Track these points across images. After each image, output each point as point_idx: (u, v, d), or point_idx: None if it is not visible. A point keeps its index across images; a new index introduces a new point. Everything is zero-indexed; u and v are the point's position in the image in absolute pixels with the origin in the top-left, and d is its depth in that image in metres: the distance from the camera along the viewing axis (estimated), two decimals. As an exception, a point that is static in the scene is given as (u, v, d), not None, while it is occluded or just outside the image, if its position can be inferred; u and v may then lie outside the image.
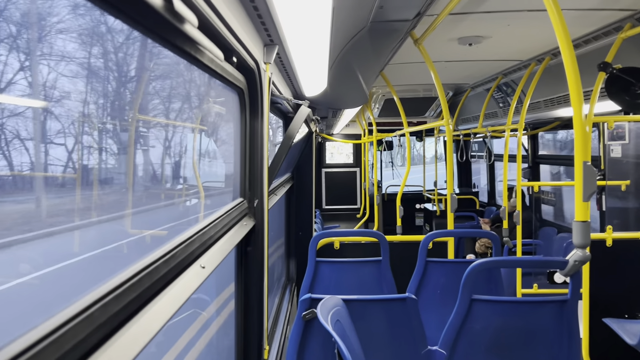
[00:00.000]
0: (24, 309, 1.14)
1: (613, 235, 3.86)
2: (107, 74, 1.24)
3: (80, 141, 1.25)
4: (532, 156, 7.30)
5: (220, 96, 2.09)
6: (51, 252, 1.50)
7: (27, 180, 1.09)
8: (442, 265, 3.58)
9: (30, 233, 1.23)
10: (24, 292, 1.37)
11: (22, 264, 1.33)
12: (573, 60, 2.10)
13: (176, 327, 2.23)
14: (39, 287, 1.46)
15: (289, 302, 4.74)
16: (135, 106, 1.68)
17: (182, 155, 2.28)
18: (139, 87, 1.61)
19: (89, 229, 1.57)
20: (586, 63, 3.86)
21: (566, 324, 2.36)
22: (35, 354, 0.61)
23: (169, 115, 2.05)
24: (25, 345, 0.61)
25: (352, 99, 4.56)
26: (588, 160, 2.13)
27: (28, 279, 1.33)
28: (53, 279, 1.54)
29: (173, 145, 2.14)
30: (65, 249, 1.55)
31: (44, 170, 1.17)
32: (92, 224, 1.59)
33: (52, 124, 1.09)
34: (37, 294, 1.44)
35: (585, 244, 2.15)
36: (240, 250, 2.10)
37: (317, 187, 9.52)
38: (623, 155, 4.83)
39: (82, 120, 1.24)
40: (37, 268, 1.39)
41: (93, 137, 1.30)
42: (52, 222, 1.34)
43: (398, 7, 2.79)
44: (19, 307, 1.19)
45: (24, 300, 1.32)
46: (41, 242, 1.25)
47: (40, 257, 1.36)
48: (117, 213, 1.80)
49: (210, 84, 1.89)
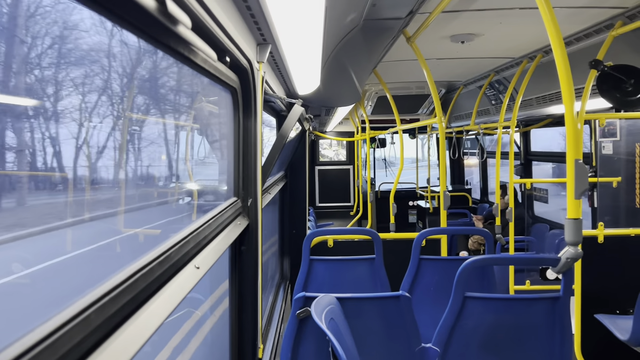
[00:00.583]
0: (20, 310, 1.14)
1: (605, 232, 3.88)
2: (99, 75, 1.24)
3: (74, 140, 1.25)
4: (524, 153, 7.33)
5: (213, 96, 2.09)
6: (43, 251, 1.50)
7: (19, 179, 1.09)
8: (435, 263, 3.59)
9: (23, 231, 1.23)
10: (18, 291, 1.37)
11: (14, 263, 1.33)
12: (564, 57, 2.11)
13: (171, 326, 2.23)
14: (32, 287, 1.46)
15: (283, 301, 4.75)
16: (128, 106, 1.68)
17: (175, 154, 2.28)
18: (131, 87, 1.61)
19: (81, 227, 1.57)
20: (578, 60, 3.88)
21: (558, 320, 2.38)
22: (32, 358, 0.61)
23: (161, 114, 2.05)
24: (22, 349, 0.61)
25: (345, 97, 4.56)
26: (580, 157, 2.14)
27: (21, 279, 1.33)
28: (46, 278, 1.54)
29: (166, 144, 2.14)
30: (57, 248, 1.55)
31: (35, 169, 1.17)
32: (84, 221, 1.58)
33: (45, 124, 1.08)
34: (32, 293, 1.43)
35: (577, 241, 2.17)
36: (234, 250, 2.10)
37: (311, 185, 9.52)
38: (614, 152, 4.86)
39: (75, 120, 1.24)
40: (29, 267, 1.38)
41: (85, 137, 1.30)
42: (45, 220, 1.33)
43: (391, 5, 2.79)
44: (16, 308, 1.19)
45: (19, 301, 1.31)
46: (33, 240, 1.25)
47: (31, 256, 1.36)
48: (110, 211, 1.80)
49: (204, 83, 1.89)
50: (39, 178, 1.20)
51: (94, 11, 0.80)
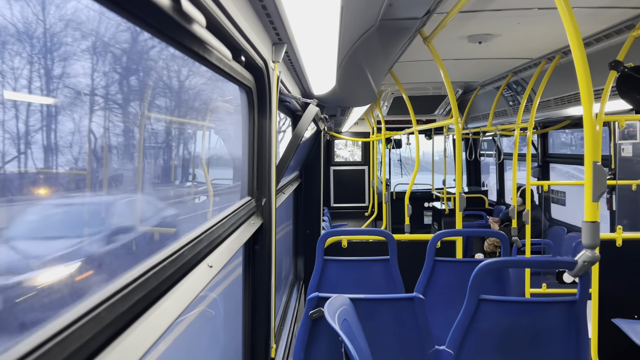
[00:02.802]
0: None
1: (623, 235, 3.83)
2: (114, 74, 1.24)
3: (89, 140, 1.25)
4: (542, 155, 7.25)
5: (228, 95, 2.10)
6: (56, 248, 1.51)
7: (31, 177, 1.09)
8: (450, 265, 3.57)
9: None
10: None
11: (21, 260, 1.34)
12: (584, 58, 2.08)
13: (184, 324, 2.24)
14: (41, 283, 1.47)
15: (297, 301, 4.75)
16: (144, 105, 1.68)
17: (190, 153, 2.29)
18: (146, 86, 1.62)
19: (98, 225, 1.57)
20: (597, 61, 3.83)
21: (574, 324, 2.35)
22: (41, 355, 0.61)
23: (177, 114, 2.06)
24: (31, 345, 0.61)
25: (360, 97, 4.55)
26: (598, 159, 2.11)
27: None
28: (56, 276, 1.55)
29: (181, 144, 2.15)
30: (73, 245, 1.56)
31: (52, 168, 1.17)
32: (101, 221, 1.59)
33: (59, 124, 1.09)
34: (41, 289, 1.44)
35: (595, 245, 2.13)
36: (248, 249, 2.10)
37: (326, 185, 9.52)
38: (634, 155, 4.79)
39: (91, 119, 1.24)
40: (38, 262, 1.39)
41: (102, 136, 1.31)
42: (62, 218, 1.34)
43: (407, 5, 2.77)
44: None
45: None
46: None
47: (43, 252, 1.37)
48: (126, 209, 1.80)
49: (219, 82, 1.89)
50: (52, 175, 1.21)
51: (107, 9, 0.80)
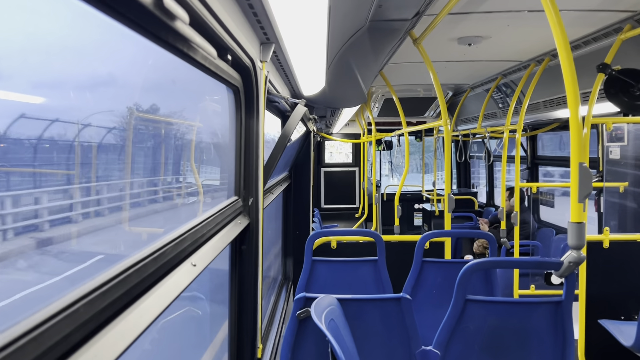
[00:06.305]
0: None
1: (610, 237, 3.86)
2: (96, 72, 1.23)
3: (75, 140, 1.24)
4: (531, 157, 7.30)
5: (215, 94, 2.09)
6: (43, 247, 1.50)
7: (24, 177, 1.09)
8: (438, 266, 3.58)
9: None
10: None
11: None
12: (570, 61, 2.09)
13: (169, 324, 2.23)
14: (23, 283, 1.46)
15: (285, 301, 4.74)
16: (129, 104, 1.67)
17: (176, 152, 2.28)
18: (130, 85, 1.61)
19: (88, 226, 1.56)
20: (585, 64, 3.86)
21: (560, 325, 2.36)
22: (14, 351, 0.61)
23: (162, 113, 2.05)
24: (4, 341, 0.60)
25: (350, 99, 4.55)
26: (584, 161, 2.12)
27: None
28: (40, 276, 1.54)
29: (166, 142, 2.14)
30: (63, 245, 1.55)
31: (39, 167, 1.16)
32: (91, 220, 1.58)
33: (45, 124, 1.08)
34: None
35: (580, 245, 2.15)
36: (234, 249, 2.09)
37: (316, 186, 9.52)
38: (622, 157, 4.83)
39: (74, 120, 1.23)
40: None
41: (86, 137, 1.30)
42: (49, 218, 1.33)
43: (397, 7, 2.78)
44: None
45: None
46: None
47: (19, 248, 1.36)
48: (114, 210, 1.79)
49: (205, 81, 1.89)
50: (41, 175, 1.20)
51: (85, 2, 0.80)
